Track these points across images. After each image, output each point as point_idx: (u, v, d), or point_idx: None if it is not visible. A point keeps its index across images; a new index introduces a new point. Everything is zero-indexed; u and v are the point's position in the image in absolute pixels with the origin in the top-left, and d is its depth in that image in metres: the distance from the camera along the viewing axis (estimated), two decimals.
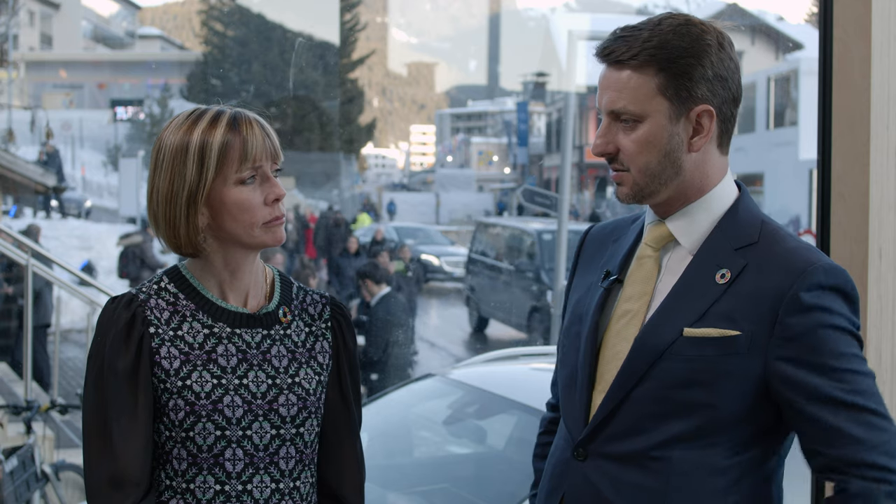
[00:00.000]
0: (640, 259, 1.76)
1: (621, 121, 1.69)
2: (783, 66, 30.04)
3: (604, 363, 1.73)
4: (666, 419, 1.64)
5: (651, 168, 1.68)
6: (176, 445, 1.74)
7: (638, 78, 1.66)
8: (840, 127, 2.27)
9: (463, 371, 4.53)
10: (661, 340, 1.65)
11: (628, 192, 1.72)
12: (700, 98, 1.67)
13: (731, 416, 1.63)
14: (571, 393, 1.77)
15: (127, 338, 1.73)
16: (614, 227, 1.90)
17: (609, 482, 1.68)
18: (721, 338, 1.62)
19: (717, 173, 1.73)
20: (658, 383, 1.65)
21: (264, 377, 1.78)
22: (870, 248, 2.22)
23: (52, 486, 5.26)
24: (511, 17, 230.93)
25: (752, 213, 1.73)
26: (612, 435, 1.69)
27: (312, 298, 1.89)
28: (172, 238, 1.76)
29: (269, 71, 40.79)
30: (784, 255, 1.65)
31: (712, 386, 1.62)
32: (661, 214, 1.75)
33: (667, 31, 1.67)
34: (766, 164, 27.52)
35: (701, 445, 1.64)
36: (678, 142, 1.68)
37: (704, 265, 1.68)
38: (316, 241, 18.87)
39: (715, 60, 1.67)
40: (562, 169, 10.27)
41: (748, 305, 1.62)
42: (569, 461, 1.74)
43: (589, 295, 1.80)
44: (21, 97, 47.00)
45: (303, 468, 1.81)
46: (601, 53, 1.71)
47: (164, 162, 1.74)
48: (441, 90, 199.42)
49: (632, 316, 1.71)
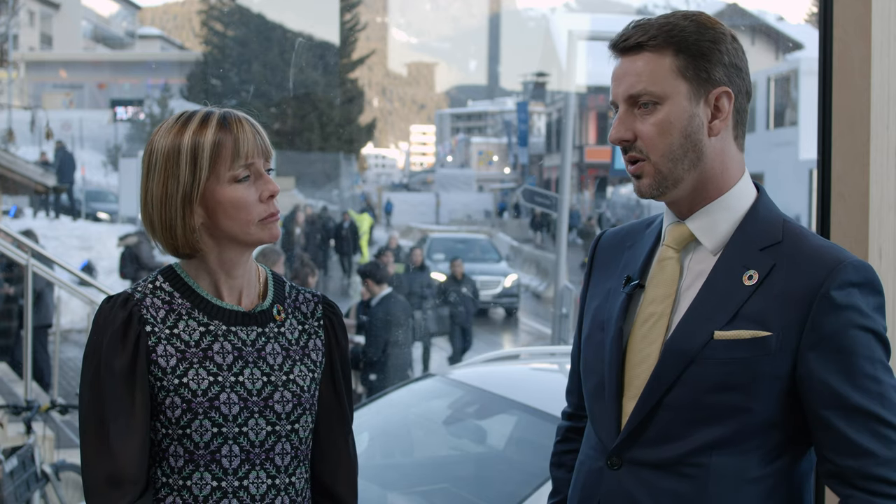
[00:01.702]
0: (661, 261, 1.74)
1: (640, 106, 1.67)
2: (783, 66, 30.07)
3: (631, 369, 1.71)
4: (700, 425, 1.63)
5: (673, 151, 1.66)
6: (172, 443, 1.75)
7: (657, 60, 1.66)
8: (840, 127, 2.27)
9: (463, 371, 4.53)
10: (692, 345, 1.63)
11: (650, 183, 1.69)
12: (718, 81, 1.67)
13: (766, 420, 1.62)
14: (600, 402, 1.75)
15: (123, 337, 1.73)
16: (627, 232, 1.89)
17: (645, 490, 1.66)
18: (753, 339, 1.60)
19: (736, 169, 1.72)
20: (691, 388, 1.63)
21: (259, 374, 1.78)
22: (870, 248, 2.22)
23: (52, 486, 5.27)
24: (511, 17, 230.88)
25: (773, 212, 1.73)
26: (647, 442, 1.67)
27: (305, 297, 1.90)
28: (169, 240, 1.77)
29: (269, 71, 40.78)
30: (811, 253, 1.64)
31: (747, 389, 1.61)
32: (681, 214, 1.73)
33: (681, 18, 1.68)
34: (766, 164, 27.53)
35: (736, 452, 1.62)
36: (698, 124, 1.66)
37: (730, 267, 1.67)
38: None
39: (730, 49, 1.68)
40: (562, 169, 10.28)
41: (778, 305, 1.61)
42: (602, 470, 1.72)
43: (609, 302, 1.78)
44: (21, 97, 47.01)
45: (298, 464, 1.82)
46: (617, 43, 1.70)
47: (157, 165, 1.75)
48: (441, 90, 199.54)
49: (657, 318, 1.70)
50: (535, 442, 3.93)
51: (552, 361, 4.91)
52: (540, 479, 3.39)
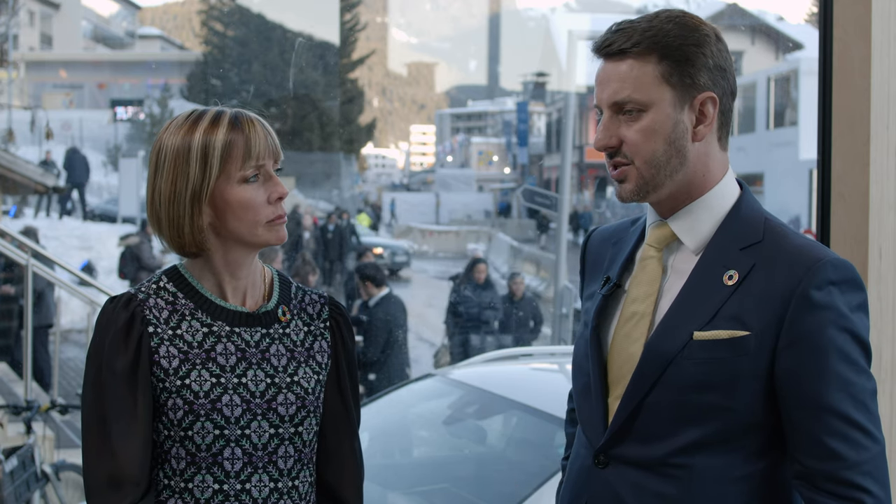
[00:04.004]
0: (643, 260, 1.75)
1: (624, 112, 1.67)
2: (783, 66, 30.05)
3: (616, 368, 1.71)
4: (683, 424, 1.63)
5: (657, 157, 1.66)
6: (174, 445, 1.74)
7: (641, 66, 1.65)
8: (840, 127, 2.27)
9: (463, 371, 4.53)
10: (672, 346, 1.64)
11: (632, 189, 1.69)
12: (703, 86, 1.66)
13: (748, 420, 1.62)
14: (587, 400, 1.76)
15: (126, 337, 1.73)
16: (614, 230, 1.89)
17: (631, 489, 1.67)
18: (731, 339, 1.61)
19: (719, 169, 1.72)
20: (671, 388, 1.63)
21: (263, 376, 1.78)
22: (870, 248, 2.22)
23: (52, 486, 5.27)
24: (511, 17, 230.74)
25: (755, 210, 1.72)
26: (631, 441, 1.67)
27: (311, 298, 1.89)
28: (176, 238, 1.76)
29: (269, 71, 40.75)
30: (791, 252, 1.63)
31: (727, 389, 1.61)
32: (663, 214, 1.73)
33: (664, 21, 1.67)
34: (766, 164, 27.52)
35: (720, 452, 1.62)
36: (683, 130, 1.66)
37: (711, 267, 1.67)
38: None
39: (714, 51, 1.67)
40: (562, 169, 10.29)
41: (757, 305, 1.61)
42: (590, 469, 1.73)
43: (592, 302, 1.80)
44: (21, 97, 46.98)
45: (301, 467, 1.81)
46: (600, 47, 1.69)
47: (166, 163, 1.74)
48: (441, 90, 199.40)
49: (639, 318, 1.70)
50: (535, 442, 3.93)
51: (552, 361, 4.91)
52: (540, 479, 3.39)
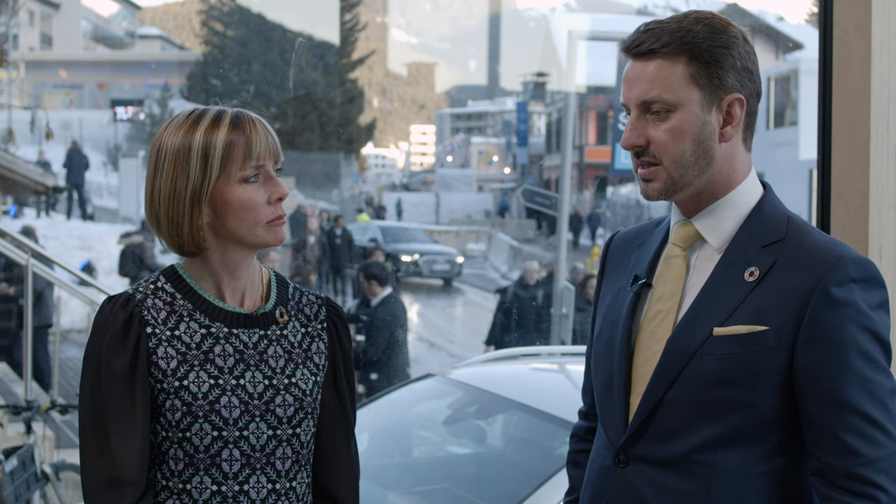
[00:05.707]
0: (668, 259, 1.76)
1: (652, 112, 1.68)
2: (783, 66, 30.05)
3: (639, 367, 1.72)
4: (703, 421, 1.63)
5: (685, 158, 1.67)
6: (172, 446, 1.74)
7: (670, 67, 1.66)
8: (840, 127, 2.27)
9: (463, 371, 4.52)
10: (692, 342, 1.65)
11: (660, 188, 1.70)
12: (731, 87, 1.67)
13: (767, 416, 1.62)
14: (609, 399, 1.76)
15: (124, 338, 1.72)
16: (638, 232, 1.90)
17: (651, 488, 1.67)
18: (749, 334, 1.61)
19: (743, 169, 1.73)
20: (691, 385, 1.64)
21: (261, 377, 1.77)
22: (870, 248, 2.22)
23: (52, 486, 5.26)
24: (511, 17, 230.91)
25: (778, 209, 1.73)
26: (652, 439, 1.67)
27: (308, 299, 1.89)
28: (175, 237, 1.76)
29: (269, 71, 40.76)
30: (812, 249, 1.64)
31: (746, 383, 1.61)
32: (688, 213, 1.75)
33: (693, 22, 1.68)
34: (766, 164, 27.51)
35: (740, 448, 1.63)
36: (710, 131, 1.67)
37: (733, 264, 1.68)
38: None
39: (742, 52, 1.69)
40: (562, 169, 10.28)
41: (778, 300, 1.61)
42: (610, 468, 1.73)
43: (618, 300, 1.80)
44: (21, 97, 47.00)
45: (299, 469, 1.81)
46: (629, 47, 1.70)
47: (166, 162, 1.74)
48: (441, 90, 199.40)
49: (664, 316, 1.71)
50: (535, 442, 3.94)
51: (552, 361, 4.91)
52: (540, 479, 3.39)
